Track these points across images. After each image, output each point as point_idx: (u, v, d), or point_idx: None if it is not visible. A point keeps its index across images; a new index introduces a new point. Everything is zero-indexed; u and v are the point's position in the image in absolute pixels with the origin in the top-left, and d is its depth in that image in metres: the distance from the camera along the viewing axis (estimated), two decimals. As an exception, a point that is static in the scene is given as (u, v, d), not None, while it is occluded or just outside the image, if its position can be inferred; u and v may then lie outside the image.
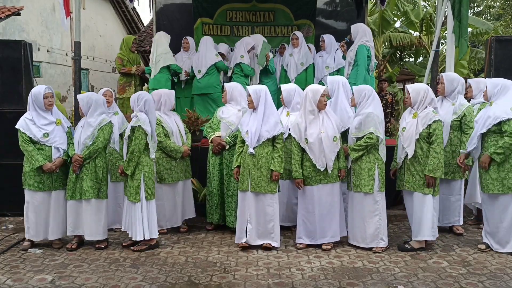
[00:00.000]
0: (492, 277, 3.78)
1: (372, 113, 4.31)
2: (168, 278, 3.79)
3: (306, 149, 4.39)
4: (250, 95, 4.47)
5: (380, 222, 4.38)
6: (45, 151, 4.42)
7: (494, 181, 4.26)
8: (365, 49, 5.94)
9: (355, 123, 4.41)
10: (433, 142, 4.21)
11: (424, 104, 4.29)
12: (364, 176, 4.34)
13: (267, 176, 4.41)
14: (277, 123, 4.42)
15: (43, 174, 4.42)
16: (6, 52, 5.65)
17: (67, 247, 4.52)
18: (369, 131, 4.28)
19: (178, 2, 8.97)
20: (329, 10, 8.94)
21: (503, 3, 21.02)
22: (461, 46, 5.76)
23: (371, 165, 4.35)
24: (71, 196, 4.46)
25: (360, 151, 4.34)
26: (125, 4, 15.27)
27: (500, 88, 4.29)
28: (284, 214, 4.99)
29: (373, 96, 4.42)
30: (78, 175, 4.44)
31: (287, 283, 3.66)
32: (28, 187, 4.44)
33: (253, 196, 4.44)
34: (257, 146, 4.41)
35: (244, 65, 6.69)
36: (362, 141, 4.32)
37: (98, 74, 14.18)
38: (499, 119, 4.15)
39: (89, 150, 4.41)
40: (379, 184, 4.36)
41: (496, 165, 4.25)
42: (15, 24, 10.13)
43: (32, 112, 4.45)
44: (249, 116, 4.54)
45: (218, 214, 5.03)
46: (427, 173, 4.22)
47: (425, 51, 15.49)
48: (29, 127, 4.39)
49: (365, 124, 4.32)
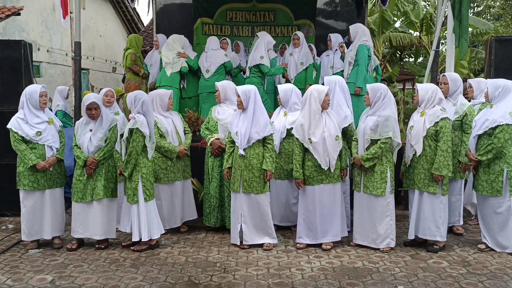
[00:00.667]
0: (492, 277, 3.78)
1: (391, 117, 4.26)
2: (168, 278, 3.79)
3: (310, 149, 4.36)
4: (239, 96, 4.45)
5: (391, 223, 4.36)
6: (38, 150, 4.43)
7: (483, 183, 4.31)
8: (366, 49, 5.94)
9: (370, 123, 4.33)
10: (439, 140, 4.21)
11: (433, 103, 4.29)
12: (377, 179, 4.31)
13: (260, 177, 4.40)
14: (266, 124, 4.41)
15: (37, 173, 4.42)
16: (6, 52, 5.65)
17: (67, 247, 4.52)
18: (388, 135, 4.24)
19: (178, 2, 8.98)
20: (329, 10, 8.95)
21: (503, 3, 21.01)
22: (462, 46, 5.75)
23: (384, 168, 4.31)
24: (81, 198, 4.44)
25: (374, 159, 4.29)
26: (125, 4, 15.26)
27: (502, 90, 4.30)
28: (283, 214, 4.98)
29: (389, 96, 4.35)
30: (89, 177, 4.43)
31: (287, 283, 3.66)
32: (23, 187, 4.43)
33: (245, 196, 4.44)
34: (247, 148, 4.40)
35: (263, 66, 6.57)
36: (376, 148, 4.26)
37: (98, 74, 14.17)
38: (497, 123, 4.19)
39: (103, 151, 4.43)
40: (390, 186, 4.34)
41: (486, 167, 4.28)
42: (15, 24, 10.13)
43: (25, 110, 4.44)
44: (238, 116, 4.51)
45: (215, 217, 4.96)
46: (433, 171, 4.22)
47: (425, 51, 15.49)
48: (21, 126, 4.39)
49: (384, 127, 4.26)
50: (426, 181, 4.30)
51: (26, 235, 4.52)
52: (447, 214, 4.40)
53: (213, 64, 6.72)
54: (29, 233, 4.51)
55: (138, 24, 16.50)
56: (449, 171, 4.23)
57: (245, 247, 4.46)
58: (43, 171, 4.43)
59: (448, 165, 4.21)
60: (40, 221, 4.50)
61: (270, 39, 6.76)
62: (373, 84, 4.54)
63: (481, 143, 4.32)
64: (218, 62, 6.72)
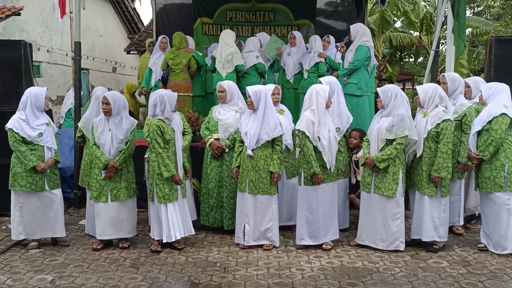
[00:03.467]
0: (492, 277, 3.78)
1: (405, 115, 4.23)
2: (168, 278, 3.79)
3: (318, 147, 4.33)
4: (251, 96, 4.45)
5: (401, 225, 4.32)
6: (38, 151, 4.43)
7: (487, 180, 4.31)
8: (365, 49, 5.93)
9: (385, 124, 4.29)
10: (440, 142, 4.21)
11: (434, 103, 4.29)
12: (389, 180, 4.28)
13: (266, 178, 4.40)
14: (276, 125, 4.40)
15: (35, 174, 4.42)
16: (6, 52, 5.64)
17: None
18: (404, 134, 4.20)
19: (178, 2, 8.98)
20: (329, 10, 8.95)
21: (503, 3, 21.00)
22: (458, 45, 5.76)
23: (397, 169, 4.28)
24: (95, 198, 4.44)
25: (389, 160, 4.24)
26: (125, 4, 15.25)
27: (494, 90, 4.37)
28: (285, 213, 4.98)
29: (401, 95, 4.30)
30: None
31: (287, 283, 3.66)
32: (20, 188, 4.41)
33: (251, 197, 4.43)
34: (256, 148, 4.40)
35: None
36: (392, 149, 4.21)
37: (98, 74, 14.15)
38: (492, 115, 4.22)
39: (124, 155, 4.42)
40: (402, 187, 4.31)
41: (488, 163, 4.28)
42: (15, 24, 10.11)
43: (27, 112, 4.43)
44: (249, 117, 4.52)
45: (213, 218, 4.94)
46: (432, 173, 4.21)
47: (425, 51, 15.48)
48: (22, 127, 4.38)
49: (399, 127, 4.22)
50: (424, 183, 4.30)
51: (26, 234, 4.51)
52: (447, 215, 4.39)
53: (245, 65, 6.66)
54: (30, 233, 4.51)
55: (138, 24, 16.48)
56: (448, 173, 4.22)
57: (245, 247, 4.46)
58: (41, 173, 4.43)
59: (448, 167, 4.21)
60: (40, 222, 4.50)
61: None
62: (383, 87, 4.48)
63: (481, 140, 4.32)
64: (251, 63, 6.66)
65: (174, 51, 6.79)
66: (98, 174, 4.43)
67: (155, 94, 4.44)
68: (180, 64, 6.73)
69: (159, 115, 4.35)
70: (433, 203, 4.31)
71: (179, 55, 6.75)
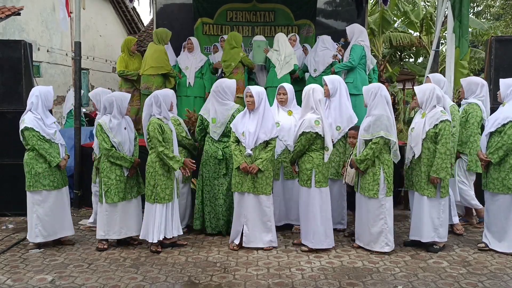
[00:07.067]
0: (492, 277, 3.78)
1: (382, 115, 4.17)
2: (168, 278, 3.79)
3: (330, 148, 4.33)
4: (253, 96, 4.43)
5: (385, 226, 4.27)
6: (55, 149, 4.48)
7: (494, 181, 4.29)
8: (360, 48, 5.94)
9: (364, 124, 4.29)
10: (438, 142, 4.18)
11: (432, 103, 4.25)
12: (369, 180, 4.27)
13: (262, 178, 4.39)
14: (273, 126, 4.43)
15: (56, 172, 4.47)
16: (6, 52, 5.65)
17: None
18: (379, 134, 4.16)
19: (178, 2, 8.99)
20: (329, 10, 8.96)
21: (503, 3, 21.03)
22: (462, 46, 5.74)
23: (376, 169, 4.24)
24: (122, 198, 4.42)
25: (368, 161, 4.21)
26: (125, 4, 15.25)
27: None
28: (282, 214, 4.97)
29: (380, 95, 4.22)
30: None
31: (287, 283, 3.66)
32: (43, 188, 4.41)
33: (248, 197, 4.43)
34: (254, 148, 4.39)
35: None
36: (367, 149, 4.20)
37: (98, 74, 14.16)
38: (509, 119, 4.18)
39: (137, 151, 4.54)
40: (384, 188, 4.25)
41: (497, 165, 4.26)
42: (15, 24, 10.12)
43: (39, 111, 4.44)
44: (247, 117, 4.47)
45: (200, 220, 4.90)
46: (431, 173, 4.20)
47: (425, 51, 15.50)
48: (41, 126, 4.40)
49: (375, 126, 4.18)
50: (423, 184, 4.29)
51: (44, 237, 4.47)
52: (447, 215, 4.39)
53: (321, 63, 6.59)
54: (48, 234, 4.49)
55: (138, 24, 16.50)
56: (447, 174, 4.21)
57: (235, 249, 4.42)
58: (60, 170, 4.50)
59: (447, 168, 4.18)
60: (60, 220, 4.53)
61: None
62: (367, 85, 4.49)
63: (492, 141, 4.29)
64: (327, 62, 6.58)
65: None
66: (120, 175, 4.41)
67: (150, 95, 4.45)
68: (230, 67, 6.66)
69: (156, 115, 4.36)
70: (432, 204, 4.30)
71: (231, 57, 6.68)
